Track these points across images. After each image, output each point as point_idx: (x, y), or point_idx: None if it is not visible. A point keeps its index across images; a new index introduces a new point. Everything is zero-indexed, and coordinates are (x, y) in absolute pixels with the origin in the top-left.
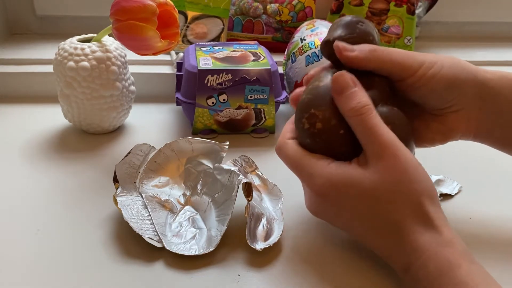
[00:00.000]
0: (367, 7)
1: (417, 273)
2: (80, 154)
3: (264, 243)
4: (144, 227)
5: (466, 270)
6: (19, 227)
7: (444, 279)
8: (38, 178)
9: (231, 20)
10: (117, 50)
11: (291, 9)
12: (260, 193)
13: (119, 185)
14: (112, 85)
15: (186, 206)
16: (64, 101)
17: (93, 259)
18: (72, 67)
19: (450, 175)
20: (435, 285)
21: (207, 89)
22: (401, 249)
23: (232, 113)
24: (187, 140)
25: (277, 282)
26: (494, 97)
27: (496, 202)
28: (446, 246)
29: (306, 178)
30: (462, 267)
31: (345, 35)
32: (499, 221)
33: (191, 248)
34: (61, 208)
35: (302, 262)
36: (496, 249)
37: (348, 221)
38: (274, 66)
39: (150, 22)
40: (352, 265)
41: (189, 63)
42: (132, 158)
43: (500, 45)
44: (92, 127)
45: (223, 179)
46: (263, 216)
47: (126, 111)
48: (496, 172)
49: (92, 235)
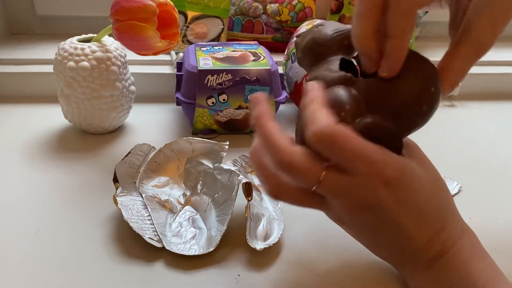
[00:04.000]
0: None
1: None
2: (80, 154)
3: (264, 243)
4: (144, 227)
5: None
6: (19, 227)
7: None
8: (38, 178)
9: (231, 20)
10: (117, 50)
11: (291, 9)
12: (260, 193)
13: (119, 185)
14: (112, 85)
15: (186, 206)
16: (64, 101)
17: (93, 259)
18: (72, 67)
19: (450, 175)
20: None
21: (207, 89)
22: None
23: (232, 113)
24: (187, 140)
25: (277, 282)
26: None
27: (496, 202)
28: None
29: (379, 165)
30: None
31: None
32: (499, 221)
33: (191, 248)
34: (61, 208)
35: (302, 262)
36: (496, 249)
37: (402, 214)
38: (274, 66)
39: (150, 22)
40: (352, 265)
41: (189, 63)
42: (132, 158)
43: (500, 45)
44: (92, 127)
45: (223, 179)
46: (263, 216)
47: (126, 111)
48: (496, 172)
49: (92, 235)
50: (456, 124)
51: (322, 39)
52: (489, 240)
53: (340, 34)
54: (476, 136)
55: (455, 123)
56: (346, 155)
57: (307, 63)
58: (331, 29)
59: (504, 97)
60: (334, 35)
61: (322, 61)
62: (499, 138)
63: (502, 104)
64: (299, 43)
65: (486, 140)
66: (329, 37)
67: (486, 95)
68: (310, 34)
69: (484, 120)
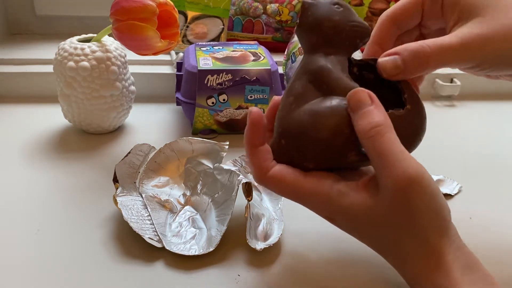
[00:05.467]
0: (367, 7)
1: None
2: (80, 154)
3: (264, 243)
4: (144, 227)
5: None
6: (19, 227)
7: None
8: (38, 178)
9: (231, 20)
10: (117, 50)
11: (291, 9)
12: (260, 193)
13: (119, 185)
14: (112, 85)
15: (186, 206)
16: (64, 101)
17: (93, 259)
18: (72, 67)
19: (450, 175)
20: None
21: (207, 89)
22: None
23: (232, 113)
24: (187, 140)
25: (277, 282)
26: None
27: (496, 202)
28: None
29: (316, 210)
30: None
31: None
32: (499, 221)
33: (191, 248)
34: (61, 208)
35: (302, 262)
36: (496, 249)
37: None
38: (274, 66)
39: (150, 22)
40: (352, 265)
41: (189, 63)
42: (132, 158)
43: None
44: (92, 127)
45: (223, 179)
46: (263, 216)
47: (126, 111)
48: (496, 172)
49: (92, 235)
50: (456, 124)
51: (342, 26)
52: (489, 240)
53: (359, 30)
54: (476, 136)
55: (455, 123)
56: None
57: (306, 38)
58: (351, 18)
59: (504, 97)
60: (355, 27)
61: (321, 48)
62: (499, 138)
63: (502, 104)
64: (309, 12)
65: (486, 140)
66: (349, 26)
67: (486, 95)
68: (327, 9)
69: (484, 120)
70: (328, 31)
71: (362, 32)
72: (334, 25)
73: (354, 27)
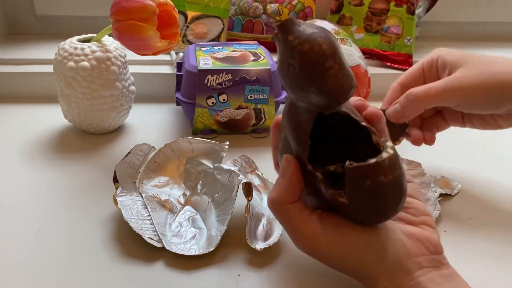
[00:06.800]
0: (367, 7)
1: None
2: (80, 154)
3: (264, 243)
4: (144, 227)
5: None
6: (19, 227)
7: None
8: (38, 178)
9: (231, 20)
10: (117, 50)
11: (291, 9)
12: (260, 193)
13: (119, 185)
14: (112, 85)
15: (186, 206)
16: (64, 101)
17: (93, 259)
18: (72, 67)
19: (450, 175)
20: None
21: (207, 89)
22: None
23: (232, 113)
24: (187, 140)
25: (277, 282)
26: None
27: (496, 202)
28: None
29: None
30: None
31: None
32: (499, 221)
33: (191, 248)
34: (61, 208)
35: (302, 262)
36: (496, 249)
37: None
38: (274, 66)
39: (150, 22)
40: None
41: (189, 63)
42: (132, 158)
43: (500, 45)
44: (92, 127)
45: (223, 179)
46: (263, 216)
47: (126, 111)
48: (496, 172)
49: (92, 235)
50: None
51: (297, 90)
52: (488, 240)
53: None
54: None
55: None
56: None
57: (290, 78)
58: (303, 84)
59: None
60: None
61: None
62: (499, 138)
63: None
64: (296, 44)
65: (486, 140)
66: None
67: None
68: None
69: None
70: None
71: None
72: (291, 90)
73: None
